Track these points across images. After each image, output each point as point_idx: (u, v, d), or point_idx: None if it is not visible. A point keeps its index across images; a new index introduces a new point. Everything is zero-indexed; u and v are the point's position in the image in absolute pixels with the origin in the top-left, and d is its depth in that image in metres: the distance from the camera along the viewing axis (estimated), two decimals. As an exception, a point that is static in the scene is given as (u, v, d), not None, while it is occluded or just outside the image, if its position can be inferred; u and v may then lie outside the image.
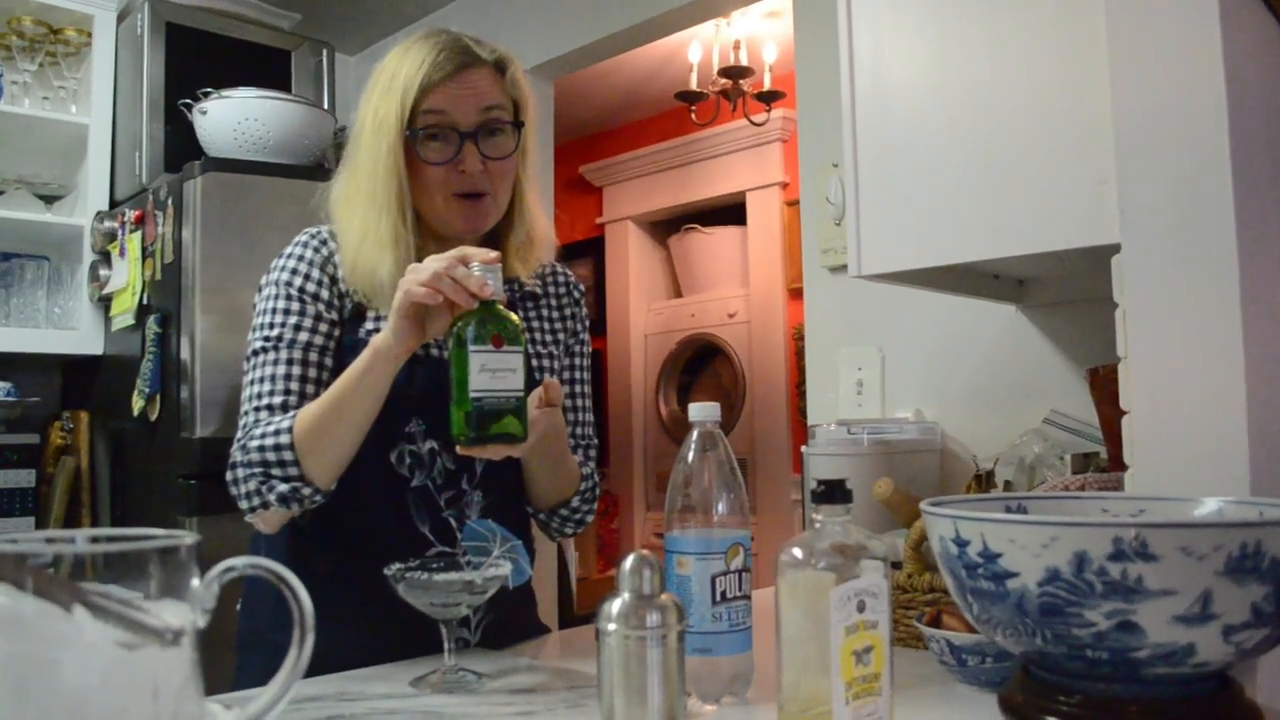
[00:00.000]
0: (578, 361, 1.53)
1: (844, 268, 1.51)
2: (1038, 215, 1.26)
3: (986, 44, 1.31)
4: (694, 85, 4.19)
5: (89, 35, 2.98)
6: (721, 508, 1.06)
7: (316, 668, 0.83)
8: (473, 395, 1.10)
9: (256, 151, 2.63)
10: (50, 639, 0.58)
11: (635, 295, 5.52)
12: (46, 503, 2.82)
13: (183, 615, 0.63)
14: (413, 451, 1.32)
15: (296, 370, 1.30)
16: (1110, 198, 1.14)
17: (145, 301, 2.65)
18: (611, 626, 0.86)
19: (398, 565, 1.15)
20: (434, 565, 1.16)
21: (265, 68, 3.03)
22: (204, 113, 2.64)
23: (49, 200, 3.02)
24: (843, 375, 2.14)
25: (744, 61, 4.14)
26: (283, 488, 1.22)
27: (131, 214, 2.74)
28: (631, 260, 5.54)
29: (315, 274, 1.34)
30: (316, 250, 1.36)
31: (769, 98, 4.21)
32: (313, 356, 1.31)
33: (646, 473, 5.40)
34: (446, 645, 1.16)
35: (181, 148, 2.71)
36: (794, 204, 4.52)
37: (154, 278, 2.61)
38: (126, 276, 2.73)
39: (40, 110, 2.94)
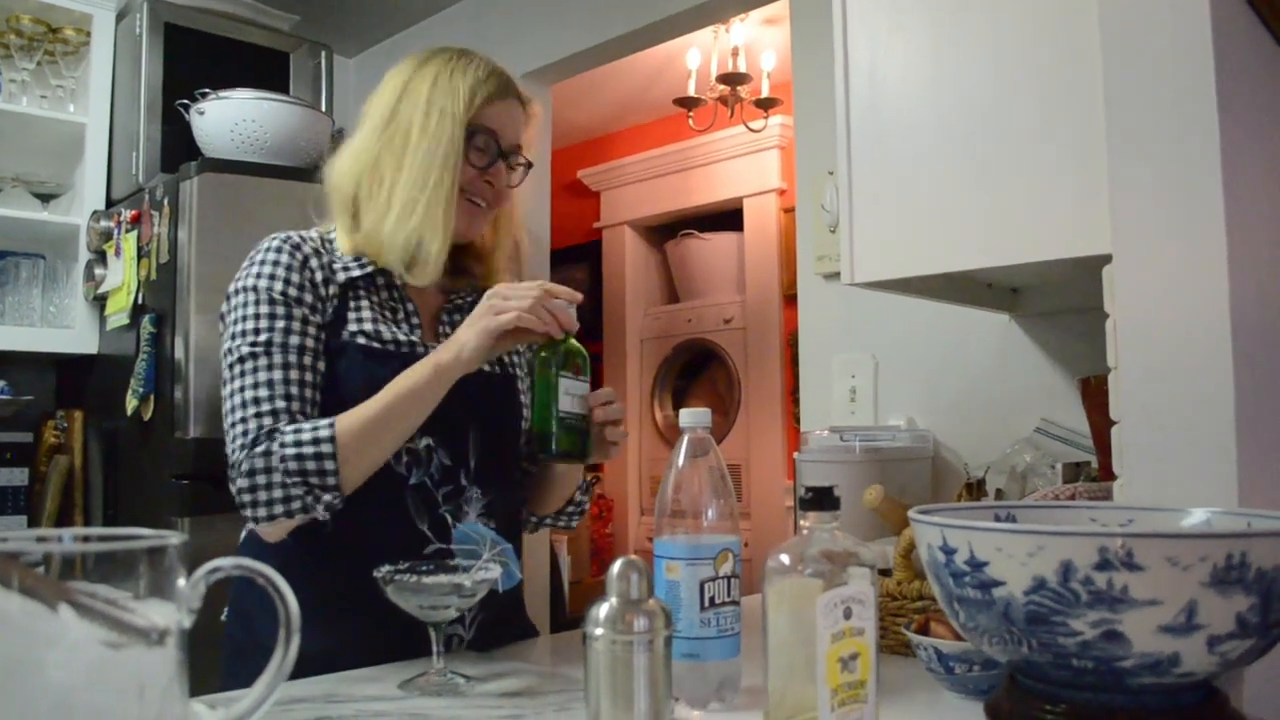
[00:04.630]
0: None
1: (838, 275, 1.52)
2: (1030, 225, 1.26)
3: (981, 54, 1.32)
4: (692, 91, 4.20)
5: (88, 34, 2.98)
6: (711, 514, 1.06)
7: (315, 664, 0.83)
8: (559, 415, 1.26)
9: (253, 153, 2.63)
10: (35, 637, 0.58)
11: (632, 300, 5.52)
12: (39, 501, 2.82)
13: (169, 615, 0.63)
14: (410, 449, 1.32)
15: (294, 375, 1.30)
16: (1102, 208, 1.15)
17: (140, 301, 2.65)
18: (598, 631, 0.86)
19: (387, 567, 1.15)
20: (423, 568, 1.16)
21: (263, 69, 3.04)
22: (201, 113, 2.65)
23: (45, 199, 3.02)
24: (836, 382, 2.15)
25: (742, 68, 4.15)
26: (327, 497, 1.24)
27: (128, 213, 2.74)
28: (628, 265, 5.54)
29: (295, 278, 1.34)
30: (291, 254, 1.36)
31: (766, 104, 4.22)
32: (306, 360, 1.31)
33: (641, 477, 5.39)
34: (435, 648, 1.16)
35: (178, 148, 2.71)
36: (791, 211, 4.53)
37: (149, 277, 2.61)
38: (122, 276, 2.73)
39: (38, 109, 2.94)
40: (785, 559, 0.86)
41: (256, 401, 1.28)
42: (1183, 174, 1.08)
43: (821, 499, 0.87)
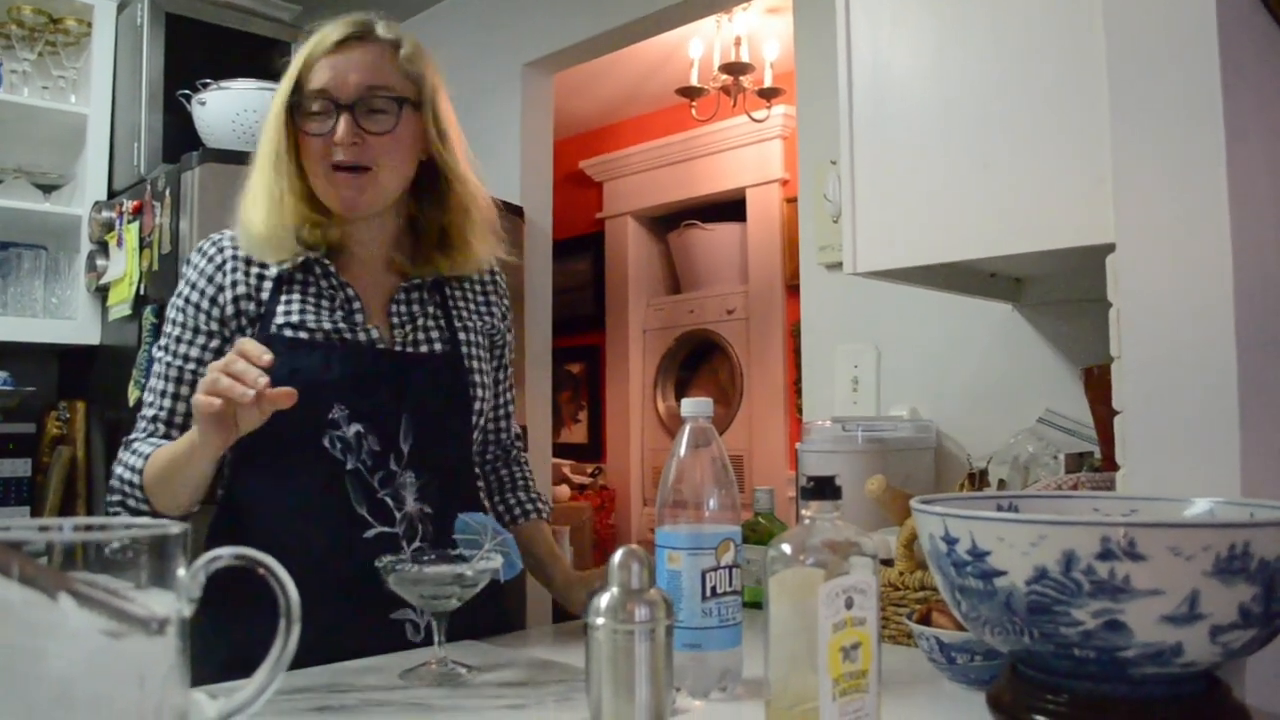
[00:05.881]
0: (507, 358, 1.60)
1: (841, 265, 1.51)
2: (1034, 214, 1.26)
3: (984, 43, 1.31)
4: (695, 81, 4.19)
5: (89, 25, 2.97)
6: (713, 503, 1.06)
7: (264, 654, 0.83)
8: None
9: (255, 143, 2.62)
10: (35, 627, 0.58)
11: (634, 291, 5.52)
12: (41, 492, 2.82)
13: (169, 604, 0.63)
14: (340, 437, 1.32)
15: (171, 388, 1.36)
16: (1106, 197, 1.14)
17: (142, 292, 2.65)
18: (600, 621, 0.86)
19: (389, 557, 1.15)
20: (425, 557, 1.16)
21: (265, 59, 3.01)
22: (203, 103, 2.64)
23: (47, 190, 3.01)
24: (838, 372, 2.14)
25: (745, 58, 4.14)
26: (145, 519, 1.23)
27: (129, 204, 2.73)
28: (631, 256, 5.54)
29: (201, 283, 1.37)
30: (210, 259, 1.39)
31: (769, 94, 4.21)
32: (188, 373, 1.35)
33: (643, 468, 5.40)
34: (437, 638, 1.16)
35: (180, 138, 2.70)
36: (793, 201, 4.52)
37: (151, 268, 2.61)
38: (124, 267, 2.73)
39: (39, 100, 2.94)
40: (787, 548, 0.86)
41: (144, 404, 1.37)
42: (1187, 163, 1.08)
43: (823, 488, 0.86)
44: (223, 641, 1.04)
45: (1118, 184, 1.13)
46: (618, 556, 0.88)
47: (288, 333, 1.33)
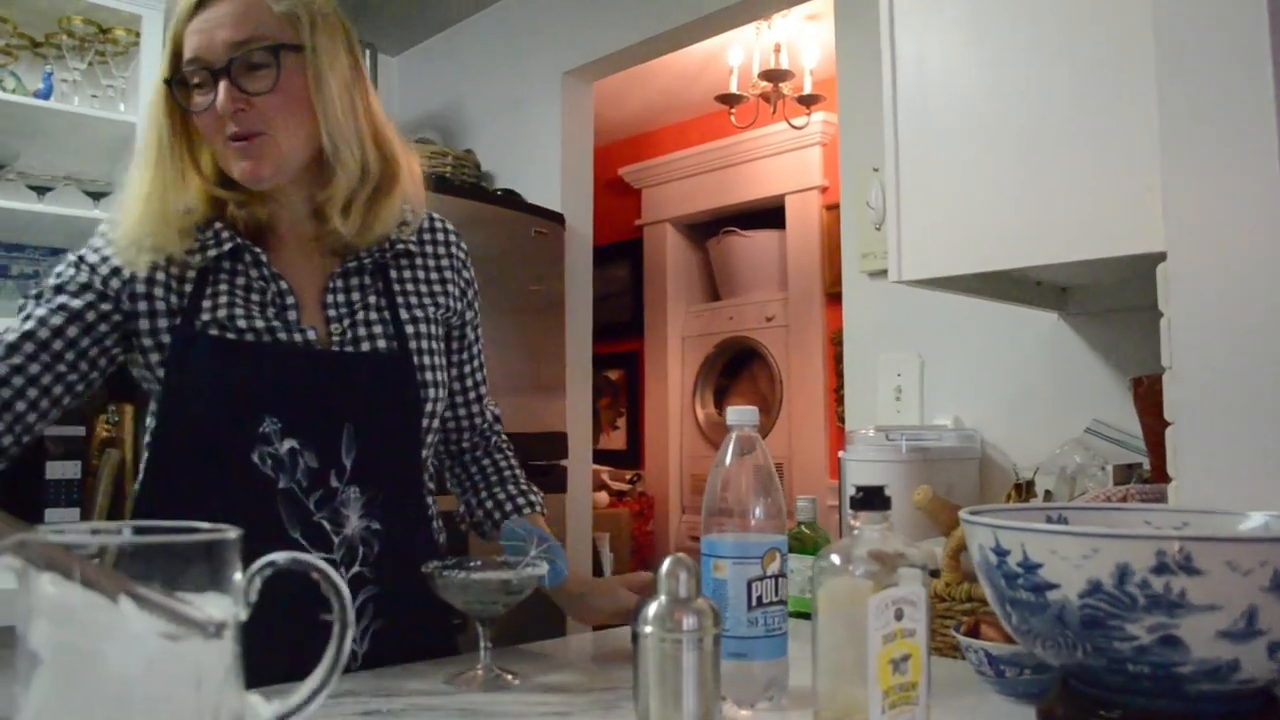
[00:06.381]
0: (473, 336, 1.45)
1: (883, 273, 1.50)
2: (1082, 222, 1.24)
3: (1031, 48, 1.30)
4: (734, 88, 4.20)
5: (137, 35, 3.02)
6: (758, 512, 1.06)
7: None
8: None
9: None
10: (96, 629, 0.59)
11: (673, 298, 5.52)
12: (91, 494, 2.86)
13: (225, 608, 0.63)
14: (271, 453, 1.19)
15: (21, 342, 1.17)
16: (1156, 205, 1.13)
17: (189, 298, 2.68)
18: (648, 629, 0.86)
19: (435, 563, 1.15)
20: (471, 563, 1.17)
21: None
22: (249, 112, 2.67)
23: (96, 197, 3.06)
24: (881, 381, 2.13)
25: (784, 65, 4.14)
26: None
27: (177, 211, 2.77)
28: (670, 263, 5.54)
29: (106, 250, 1.22)
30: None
31: (809, 101, 4.20)
32: (48, 330, 1.18)
33: (682, 475, 5.40)
34: (483, 643, 1.17)
35: (227, 146, 2.74)
36: (833, 208, 4.51)
37: (198, 274, 2.64)
38: (171, 273, 2.77)
39: (89, 108, 2.98)
40: (835, 559, 0.85)
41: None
42: (1239, 167, 1.06)
43: (872, 499, 0.86)
44: None
45: (1168, 190, 1.12)
46: (666, 565, 0.88)
47: (213, 331, 1.20)
